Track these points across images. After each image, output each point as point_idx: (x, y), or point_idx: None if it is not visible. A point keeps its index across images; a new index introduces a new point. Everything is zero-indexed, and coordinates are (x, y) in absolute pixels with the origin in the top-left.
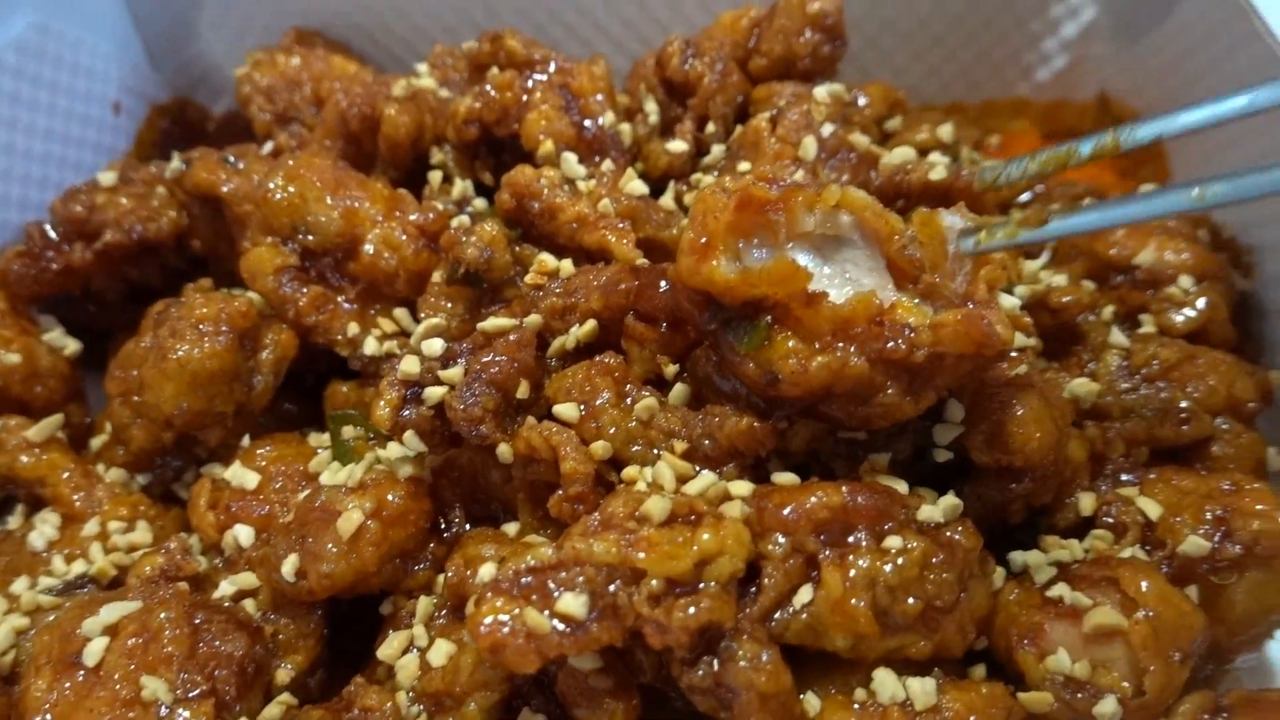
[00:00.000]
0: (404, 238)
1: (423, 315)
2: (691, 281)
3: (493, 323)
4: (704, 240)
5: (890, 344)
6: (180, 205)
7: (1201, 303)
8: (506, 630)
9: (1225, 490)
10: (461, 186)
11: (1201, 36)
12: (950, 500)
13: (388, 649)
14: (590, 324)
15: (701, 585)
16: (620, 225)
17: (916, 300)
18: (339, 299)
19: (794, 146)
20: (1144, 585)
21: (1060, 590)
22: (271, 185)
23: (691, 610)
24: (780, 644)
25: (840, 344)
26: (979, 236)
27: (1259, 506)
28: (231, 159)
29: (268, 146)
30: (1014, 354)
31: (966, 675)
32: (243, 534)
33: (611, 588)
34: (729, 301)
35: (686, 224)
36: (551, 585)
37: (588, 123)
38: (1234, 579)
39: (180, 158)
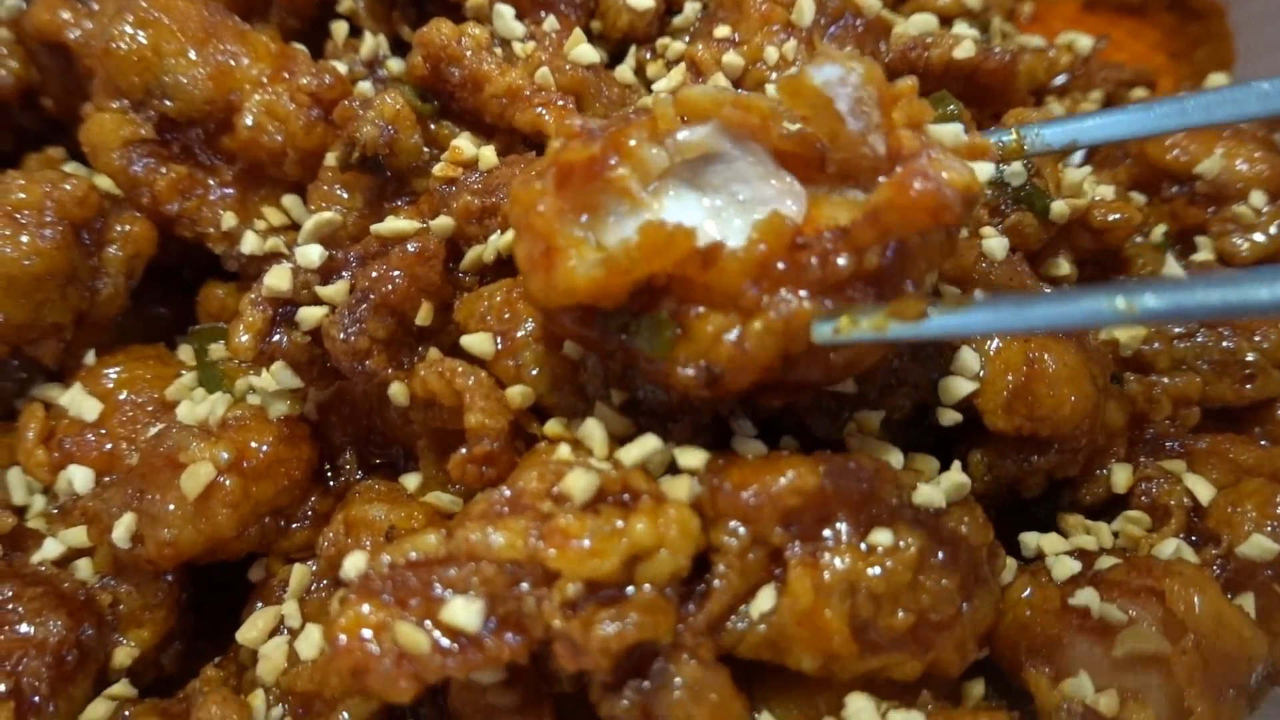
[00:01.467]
0: (292, 107)
1: (312, 208)
2: (553, 303)
3: (390, 225)
4: (541, 248)
5: (830, 262)
6: (26, 55)
7: (1276, 227)
8: (372, 648)
9: None
10: (373, 43)
11: None
12: (956, 478)
13: (250, 631)
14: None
15: (631, 589)
16: (561, 102)
17: (835, 192)
18: (211, 182)
19: (786, 8)
20: (1196, 602)
21: (1087, 598)
22: (116, 32)
23: (615, 626)
24: (730, 660)
25: (769, 296)
26: (839, 323)
27: None
28: None
29: None
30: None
31: (960, 697)
32: (79, 477)
33: (516, 590)
34: (612, 303)
35: (513, 238)
36: (437, 586)
37: None
38: None
39: None
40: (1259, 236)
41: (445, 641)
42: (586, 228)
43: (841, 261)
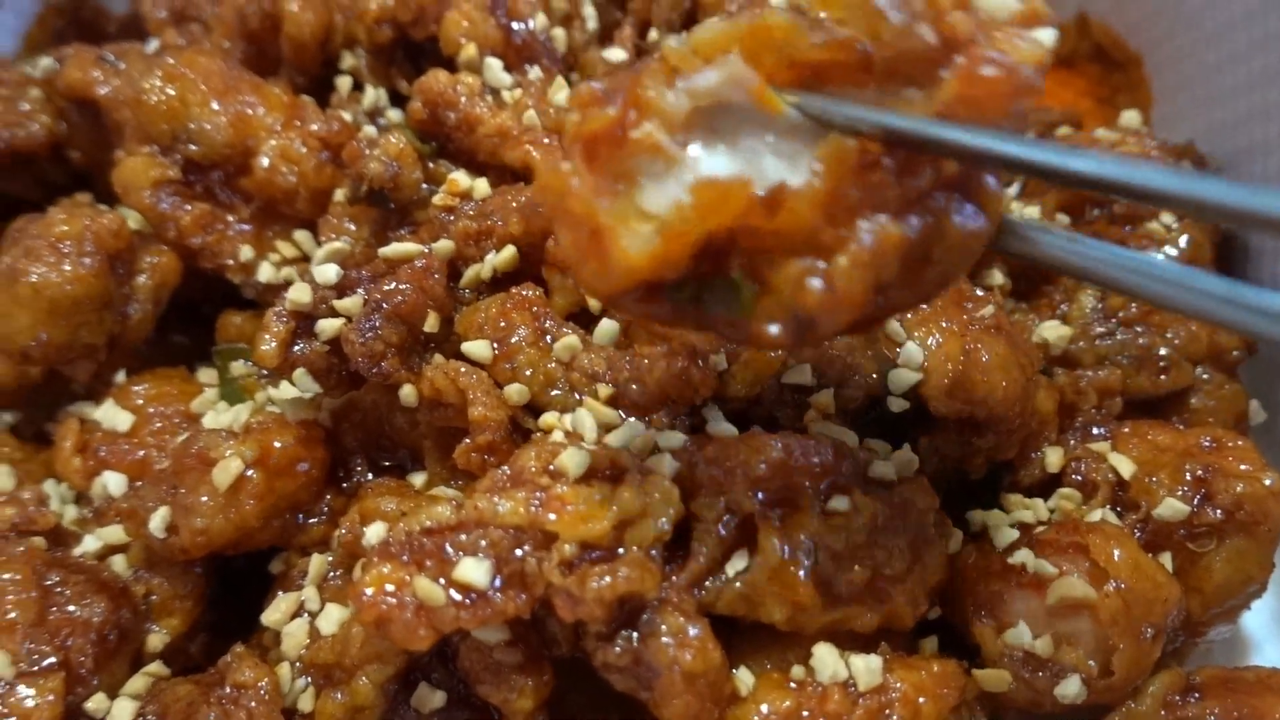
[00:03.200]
0: (304, 150)
1: (323, 239)
2: (613, 288)
3: (396, 248)
4: (586, 232)
5: (906, 179)
6: (56, 110)
7: (1184, 241)
8: (393, 601)
9: (1205, 447)
10: (374, 95)
11: None
12: (904, 455)
13: (274, 613)
14: (509, 250)
15: (621, 550)
16: (547, 140)
17: (888, 95)
18: (230, 218)
19: None
20: (1116, 554)
21: (1023, 557)
22: (148, 86)
23: (608, 579)
24: (710, 615)
25: (846, 228)
26: None
27: (1242, 466)
28: (110, 57)
29: (153, 45)
30: (979, 293)
31: (917, 650)
32: (112, 481)
33: (519, 552)
34: (676, 274)
35: (554, 235)
36: (449, 549)
37: (516, 25)
38: (1213, 546)
39: (53, 55)
40: (1171, 250)
41: (458, 596)
42: (624, 200)
43: (920, 177)
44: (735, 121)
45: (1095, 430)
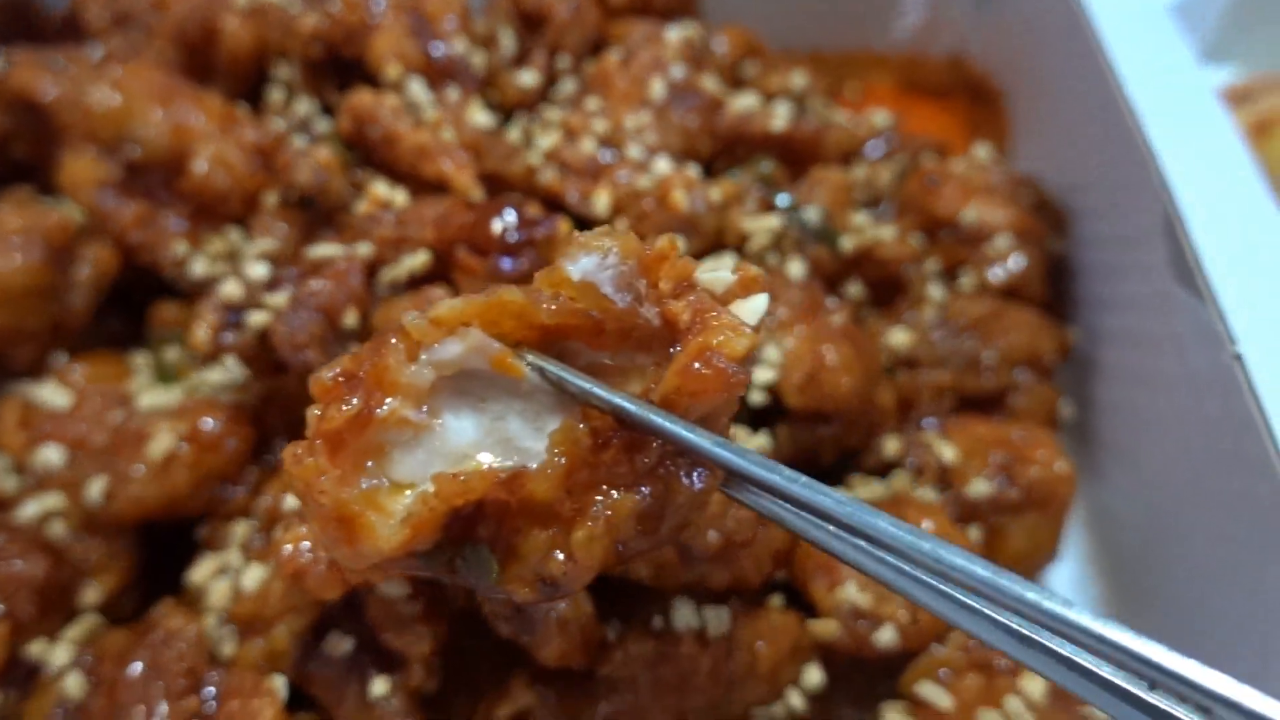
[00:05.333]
0: (238, 156)
1: (254, 238)
2: (364, 568)
3: (321, 250)
4: (334, 522)
5: (636, 455)
6: (2, 107)
7: (1015, 260)
8: (309, 557)
9: (1014, 438)
10: (308, 107)
11: (1051, 3)
12: (759, 441)
13: (199, 572)
14: (422, 254)
15: None
16: (460, 157)
17: (623, 357)
18: (167, 217)
19: (642, 87)
20: (925, 523)
21: None
22: (95, 93)
23: None
24: None
25: (583, 501)
26: None
27: (1039, 453)
28: (60, 62)
29: (99, 52)
30: (831, 302)
31: (763, 605)
32: (52, 454)
33: None
34: (427, 545)
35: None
36: None
37: (438, 47)
38: (1010, 520)
39: (1, 56)
40: (1003, 268)
41: None
42: (375, 473)
43: (647, 456)
44: (481, 385)
45: (929, 422)
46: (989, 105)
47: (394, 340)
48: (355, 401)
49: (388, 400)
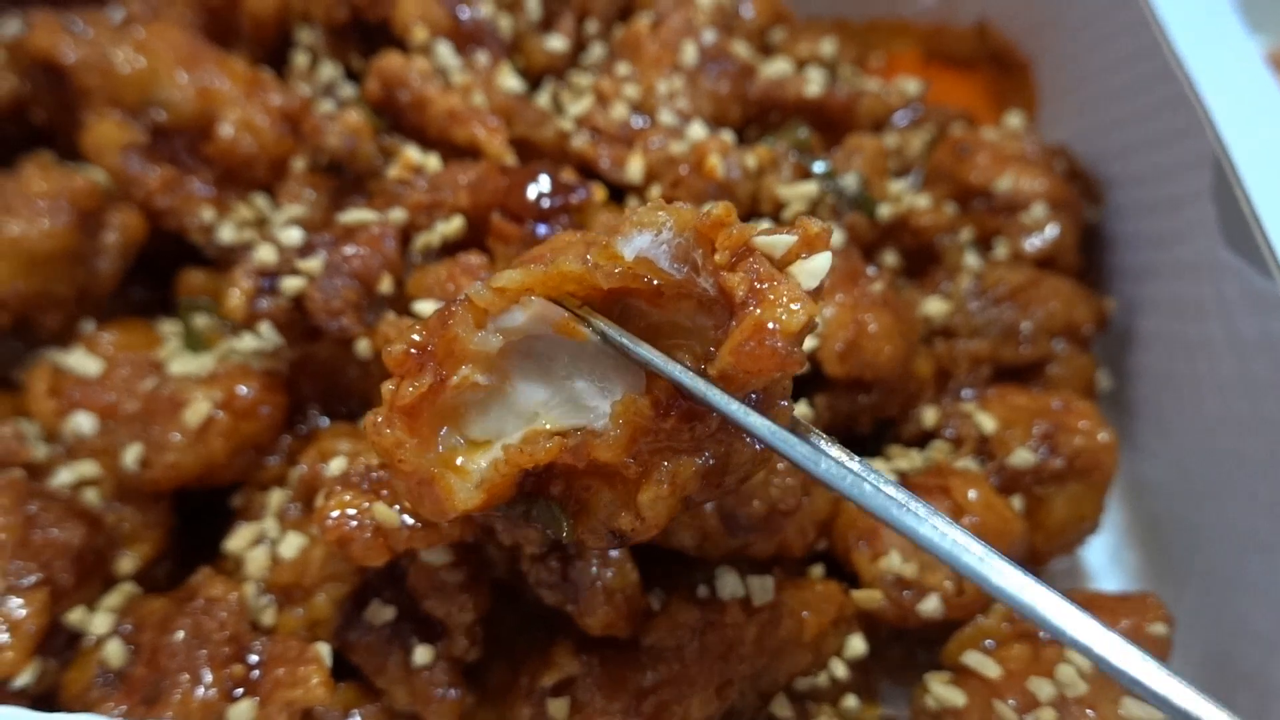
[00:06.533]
0: (265, 121)
1: (282, 204)
2: (448, 523)
3: (354, 215)
4: (419, 483)
5: (696, 425)
6: (20, 71)
7: (1051, 230)
8: (354, 524)
9: (1055, 408)
10: (331, 72)
11: None
12: (800, 410)
13: (237, 541)
14: (457, 220)
15: None
16: (492, 122)
17: (686, 318)
18: (194, 181)
19: (673, 51)
20: (971, 494)
21: None
22: (120, 56)
23: None
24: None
25: (649, 465)
26: None
27: (1082, 424)
28: (79, 25)
29: (119, 15)
30: (871, 271)
31: (806, 574)
32: (84, 422)
33: None
34: (503, 503)
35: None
36: None
37: (464, 11)
38: (1054, 490)
39: (20, 18)
40: (1039, 238)
41: (411, 520)
42: (451, 436)
43: (701, 428)
44: (547, 348)
45: (966, 393)
46: (1014, 75)
47: (461, 310)
48: (426, 378)
49: (461, 367)
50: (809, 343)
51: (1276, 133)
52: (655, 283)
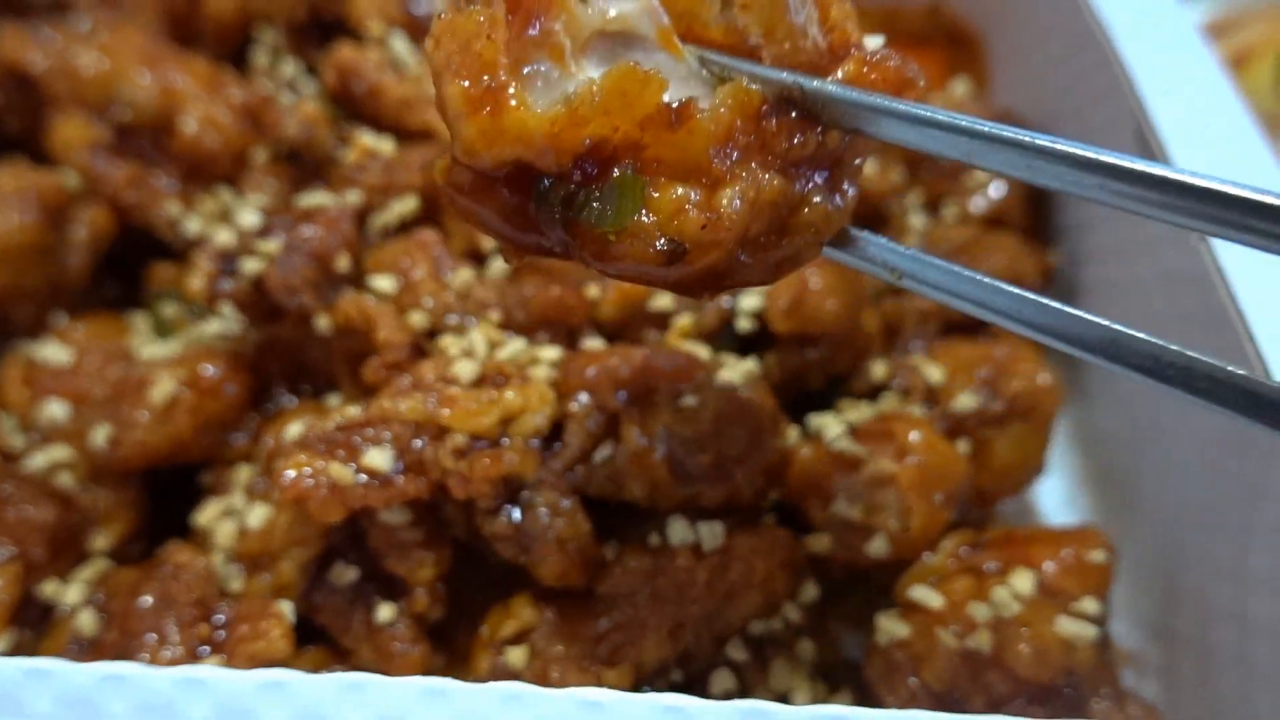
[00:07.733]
0: (227, 116)
1: (246, 194)
2: (495, 155)
3: (311, 198)
4: (485, 81)
5: (795, 138)
6: None
7: (996, 188)
8: (310, 482)
9: (998, 355)
10: (293, 69)
11: None
12: (747, 365)
13: (205, 515)
14: (411, 199)
15: (505, 440)
16: None
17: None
18: (160, 176)
19: None
20: (913, 436)
21: (844, 444)
22: (84, 59)
23: (490, 462)
24: (583, 497)
25: (735, 167)
26: None
27: (1022, 367)
28: (47, 32)
29: (85, 24)
30: None
31: (757, 523)
32: (57, 408)
33: (417, 443)
34: (552, 163)
35: (435, 76)
36: (358, 440)
37: (419, 3)
38: (996, 432)
39: None
40: (983, 199)
41: (365, 479)
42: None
43: (808, 138)
44: (636, 58)
45: (913, 345)
46: (967, 48)
47: None
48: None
49: (557, 22)
50: (753, 301)
51: (1199, 98)
52: (755, 40)
